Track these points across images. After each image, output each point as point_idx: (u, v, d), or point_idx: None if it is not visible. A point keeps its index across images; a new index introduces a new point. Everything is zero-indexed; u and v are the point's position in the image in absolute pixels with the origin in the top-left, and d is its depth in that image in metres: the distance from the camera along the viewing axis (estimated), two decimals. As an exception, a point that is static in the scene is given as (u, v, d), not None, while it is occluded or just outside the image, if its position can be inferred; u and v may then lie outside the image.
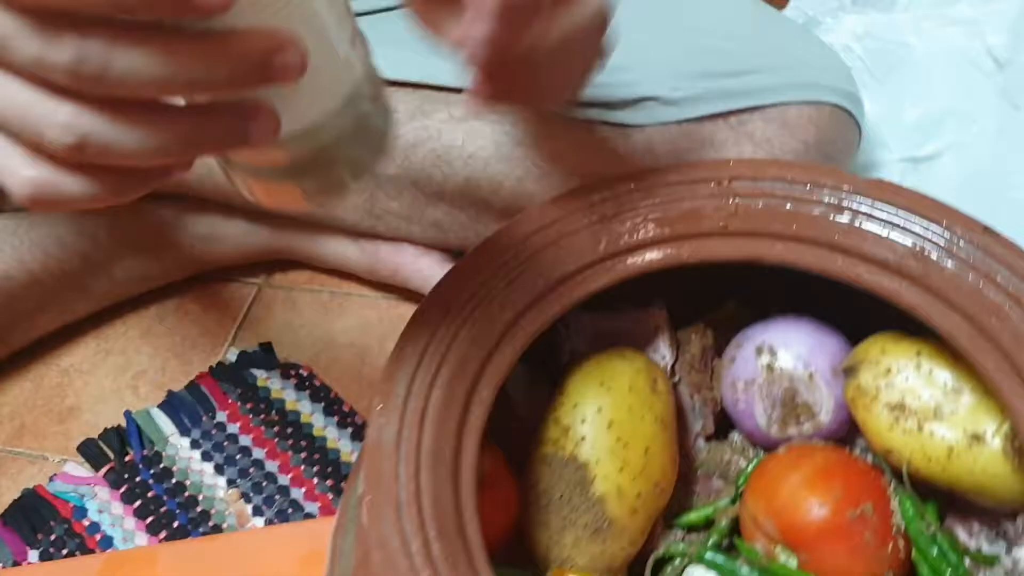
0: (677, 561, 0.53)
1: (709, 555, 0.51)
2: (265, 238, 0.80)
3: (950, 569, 0.47)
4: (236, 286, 0.84)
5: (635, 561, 0.52)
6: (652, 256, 0.48)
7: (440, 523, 0.40)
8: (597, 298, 0.50)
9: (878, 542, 0.47)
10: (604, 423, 0.50)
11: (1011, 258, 0.43)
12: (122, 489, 0.72)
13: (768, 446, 0.55)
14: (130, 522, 0.70)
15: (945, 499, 0.51)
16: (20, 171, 0.28)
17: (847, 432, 0.54)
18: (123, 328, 0.82)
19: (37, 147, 0.28)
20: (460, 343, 0.45)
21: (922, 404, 0.48)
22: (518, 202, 0.66)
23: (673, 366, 0.56)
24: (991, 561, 0.48)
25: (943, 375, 0.48)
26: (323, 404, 0.75)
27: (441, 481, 0.41)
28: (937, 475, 0.48)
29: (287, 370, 0.78)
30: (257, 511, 0.70)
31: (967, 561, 0.48)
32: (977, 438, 0.46)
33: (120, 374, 0.79)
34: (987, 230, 0.44)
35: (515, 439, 0.55)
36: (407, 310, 0.81)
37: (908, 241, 0.45)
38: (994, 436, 0.46)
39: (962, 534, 0.50)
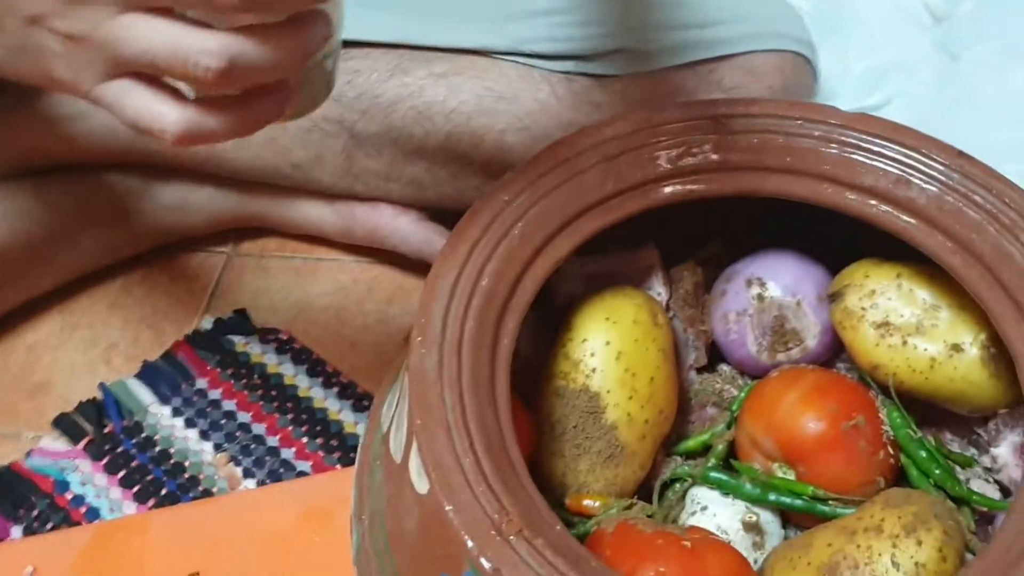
0: (678, 485, 0.56)
1: (713, 475, 0.54)
2: (235, 204, 0.80)
3: (938, 469, 0.51)
4: (204, 256, 0.84)
5: (641, 486, 0.55)
6: (662, 191, 0.50)
7: (486, 443, 0.42)
8: (589, 242, 0.53)
9: (871, 450, 0.51)
10: (613, 355, 0.53)
11: (986, 179, 0.47)
12: (104, 460, 0.71)
13: (757, 374, 0.59)
14: (116, 492, 0.70)
15: (919, 416, 0.55)
16: (169, 116, 0.36)
17: (829, 356, 0.59)
18: (89, 302, 0.81)
19: (184, 76, 0.34)
20: (486, 278, 0.47)
21: (905, 321, 0.52)
22: (499, 156, 0.68)
23: (667, 302, 0.59)
24: (970, 462, 0.53)
25: (922, 293, 0.52)
26: (306, 366, 0.76)
27: (482, 405, 0.43)
28: (920, 386, 0.52)
29: (265, 335, 0.78)
30: (248, 473, 0.70)
31: (949, 463, 0.52)
32: (957, 348, 0.51)
33: (90, 348, 0.78)
34: (961, 154, 0.48)
35: (521, 378, 0.57)
36: (381, 272, 0.82)
37: (892, 169, 0.49)
38: (972, 345, 0.50)
39: (937, 443, 0.55)
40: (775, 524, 0.53)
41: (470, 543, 0.38)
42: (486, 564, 0.38)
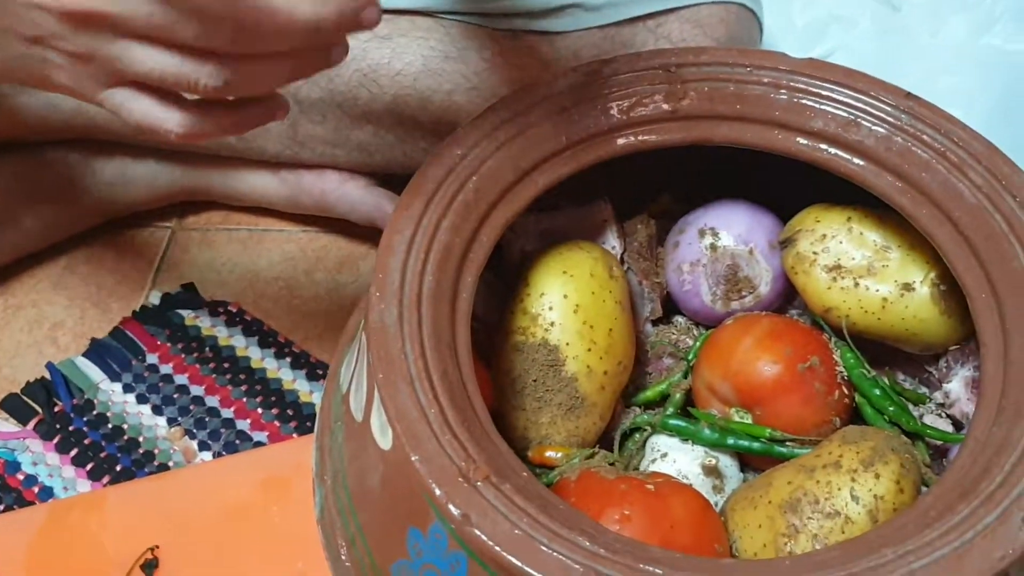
0: (638, 435, 0.56)
1: (672, 422, 0.55)
2: (178, 177, 0.79)
3: (892, 406, 0.52)
4: (149, 231, 0.82)
5: (602, 437, 0.55)
6: (615, 143, 0.50)
7: (450, 394, 0.42)
8: (542, 198, 0.53)
9: (826, 390, 0.52)
10: (571, 308, 0.53)
11: (934, 119, 0.48)
12: (55, 440, 0.70)
13: (711, 323, 0.59)
14: (69, 471, 0.69)
15: (870, 359, 0.56)
16: (172, 119, 0.41)
17: (782, 303, 0.59)
18: (32, 282, 0.79)
19: (186, 90, 0.40)
20: (443, 233, 0.46)
21: (856, 263, 0.53)
22: (447, 116, 0.67)
23: (622, 256, 0.59)
24: (923, 399, 0.54)
25: (873, 235, 0.53)
26: (257, 338, 0.75)
27: (444, 358, 0.43)
28: (873, 326, 0.53)
29: (215, 308, 0.77)
30: (204, 446, 0.70)
31: (903, 399, 0.53)
32: (907, 287, 0.52)
33: (35, 327, 0.76)
34: (909, 95, 0.49)
35: (477, 337, 0.57)
36: (329, 241, 0.81)
37: (841, 112, 0.50)
38: (922, 284, 0.51)
39: (889, 383, 0.56)
40: (734, 468, 0.54)
41: (438, 491, 0.38)
42: (454, 511, 0.38)
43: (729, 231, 0.57)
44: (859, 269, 0.53)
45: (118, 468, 0.68)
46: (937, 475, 0.50)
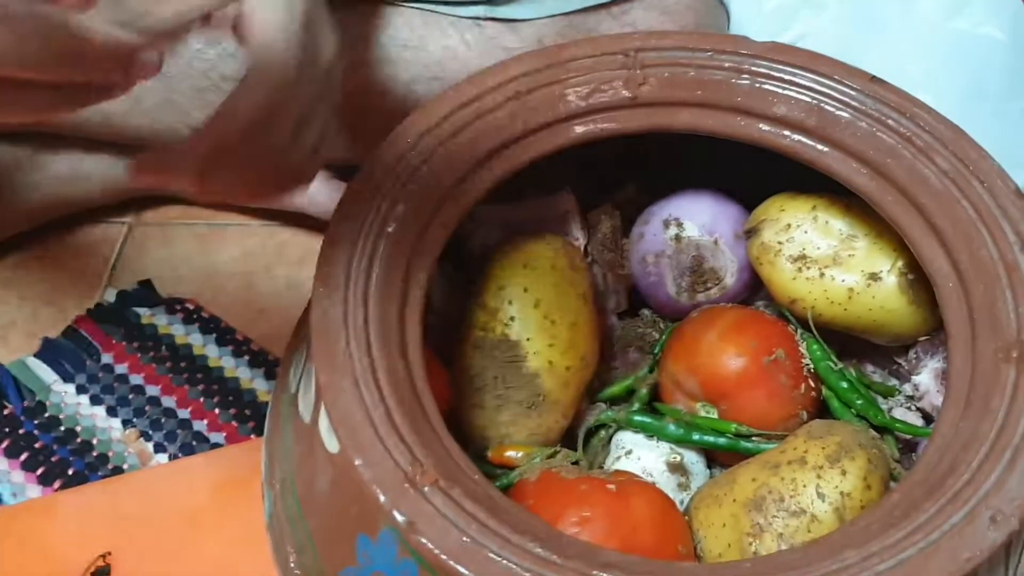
0: (602, 431, 0.55)
1: (637, 419, 0.53)
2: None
3: (859, 399, 0.51)
4: (104, 227, 0.80)
5: (566, 434, 0.54)
6: (574, 130, 0.49)
7: (397, 394, 0.40)
8: (503, 188, 0.51)
9: (792, 384, 0.51)
10: (531, 302, 0.51)
11: (899, 102, 0.47)
12: (4, 444, 0.68)
13: (677, 316, 0.58)
14: (18, 476, 0.66)
15: (838, 350, 0.55)
16: None
17: (748, 294, 0.58)
18: (-19, 280, 0.77)
19: None
20: (393, 223, 0.45)
21: (821, 253, 0.51)
22: (408, 107, 0.65)
23: (585, 247, 0.57)
24: (892, 391, 0.53)
25: (838, 224, 0.51)
26: (215, 335, 0.73)
27: (393, 356, 0.41)
28: (839, 317, 0.52)
29: (172, 305, 0.75)
30: (159, 448, 0.67)
31: (871, 392, 0.52)
32: (874, 277, 0.50)
33: (-15, 327, 0.74)
34: (874, 79, 0.48)
35: (435, 333, 0.55)
36: (290, 235, 0.79)
37: (805, 97, 0.48)
38: (889, 273, 0.50)
39: (859, 376, 0.55)
40: (700, 464, 0.53)
41: (383, 497, 0.36)
42: (399, 518, 0.36)
43: (693, 221, 0.55)
44: (825, 259, 0.51)
45: (70, 472, 0.66)
46: (906, 470, 0.49)
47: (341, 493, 0.42)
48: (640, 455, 0.52)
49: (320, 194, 0.73)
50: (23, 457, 0.67)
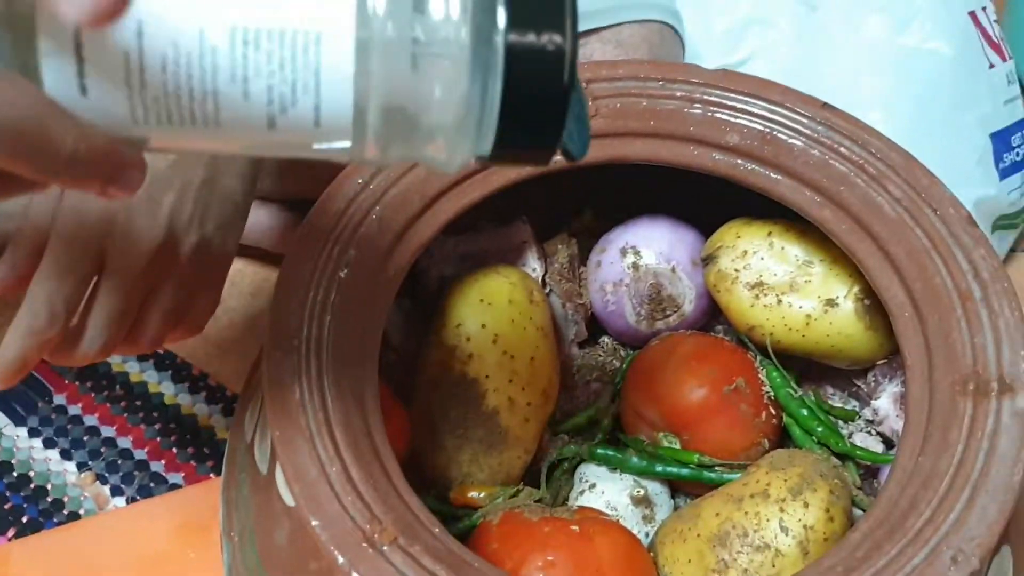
0: (566, 464, 0.54)
1: (600, 451, 0.53)
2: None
3: (820, 426, 0.51)
4: (52, 262, 0.78)
5: (529, 469, 0.53)
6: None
7: (354, 449, 0.39)
8: (459, 220, 0.50)
9: (753, 412, 0.51)
10: (489, 338, 0.51)
11: (851, 129, 0.47)
12: (-46, 492, 0.66)
13: (637, 343, 0.58)
14: (-30, 526, 0.65)
15: (799, 372, 0.55)
16: None
17: (706, 321, 0.58)
18: (-74, 322, 0.75)
19: None
20: (345, 268, 0.44)
21: (778, 280, 0.51)
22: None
23: (543, 278, 0.57)
24: (852, 416, 0.53)
25: (794, 250, 0.51)
26: (170, 372, 0.71)
27: (349, 408, 0.41)
28: (797, 343, 0.51)
29: (125, 342, 0.73)
30: (116, 491, 0.66)
31: (831, 418, 0.52)
32: (831, 303, 0.50)
33: (-69, 371, 0.72)
34: (826, 106, 0.48)
35: (394, 371, 0.54)
36: (242, 266, 0.78)
37: (757, 125, 0.48)
38: (846, 299, 0.50)
39: (819, 398, 0.55)
40: (664, 495, 0.52)
41: (340, 559, 0.36)
42: (359, 580, 0.35)
43: (650, 249, 0.55)
44: (782, 285, 0.51)
45: (24, 520, 0.65)
46: (868, 495, 0.49)
47: (300, 548, 0.41)
48: (604, 488, 0.51)
49: (272, 228, 0.72)
50: (-26, 506, 0.65)
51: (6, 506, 0.65)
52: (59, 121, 0.27)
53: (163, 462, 0.67)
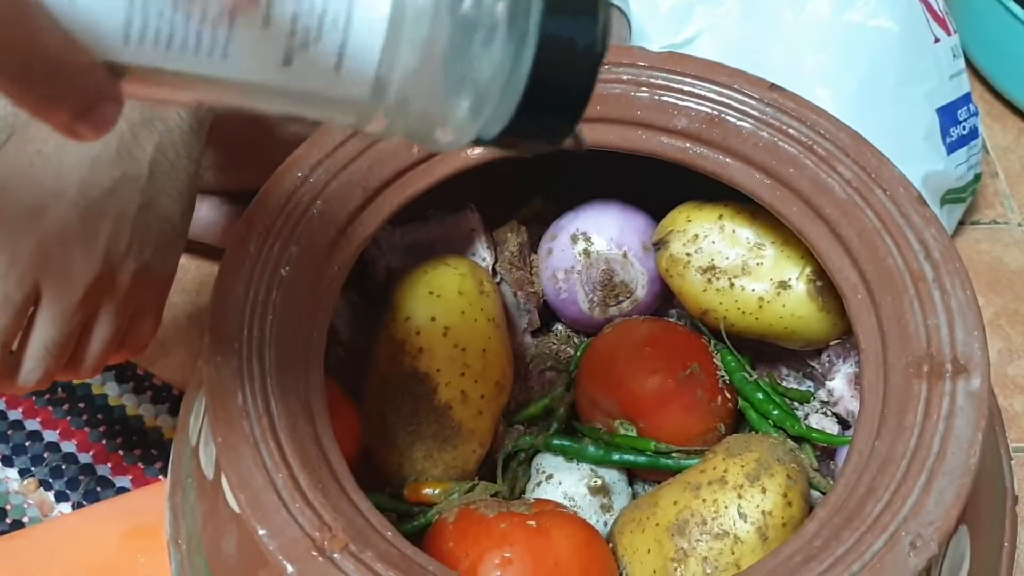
0: (522, 455, 0.53)
1: (556, 442, 0.52)
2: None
3: (776, 409, 0.50)
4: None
5: (484, 462, 0.52)
6: (473, 152, 0.47)
7: (301, 453, 0.38)
8: (406, 209, 0.49)
9: (709, 397, 0.50)
10: (439, 331, 0.50)
11: (799, 111, 0.46)
12: None
13: (591, 330, 0.57)
14: (-93, 539, 0.63)
15: (752, 355, 0.54)
16: None
17: (659, 305, 0.57)
18: None
19: None
20: (287, 266, 0.42)
21: (730, 263, 0.51)
22: (303, 132, 0.62)
23: (494, 267, 0.56)
24: (807, 397, 0.52)
25: (745, 233, 0.51)
26: (114, 372, 0.69)
27: (294, 411, 0.39)
28: (751, 326, 0.51)
29: (65, 343, 0.71)
30: (61, 497, 0.64)
31: (787, 401, 0.52)
32: (783, 285, 0.50)
33: None
34: (773, 87, 0.47)
35: (344, 367, 0.53)
36: (185, 261, 0.76)
37: (705, 108, 0.47)
38: (798, 280, 0.50)
39: (774, 380, 0.55)
40: (622, 483, 0.52)
41: (290, 568, 0.34)
42: (309, 590, 0.34)
43: (601, 235, 0.54)
44: (733, 269, 0.51)
45: (-35, 530, 0.63)
46: (825, 477, 0.48)
47: (249, 556, 0.40)
48: (561, 479, 0.51)
49: (214, 223, 0.70)
50: (-89, 518, 0.63)
51: (-54, 518, 0.63)
52: (45, 20, 0.23)
53: (109, 465, 0.65)
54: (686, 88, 0.47)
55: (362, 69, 0.25)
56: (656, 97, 0.48)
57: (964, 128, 0.69)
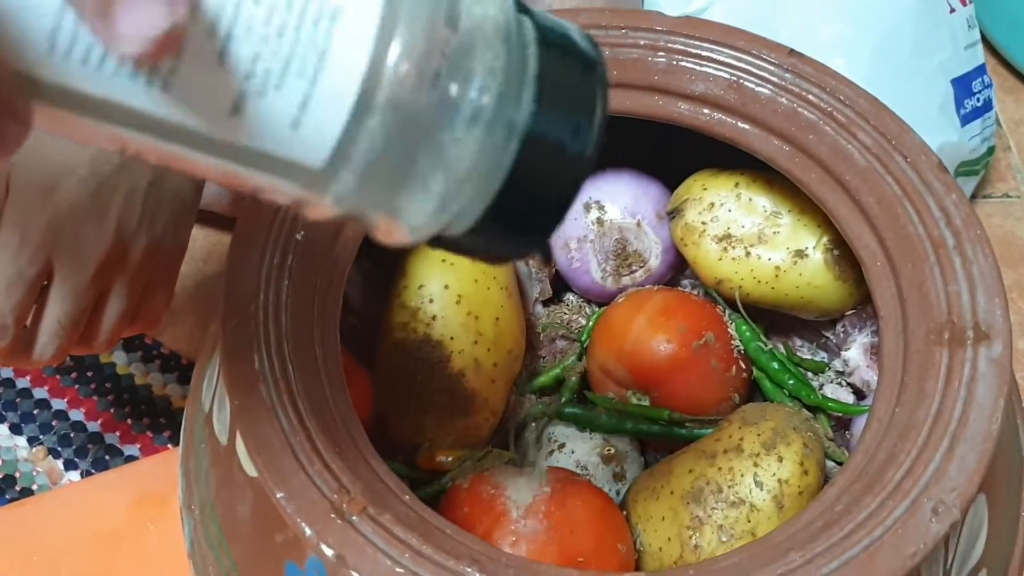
0: (534, 425, 0.53)
1: (567, 411, 0.52)
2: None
3: (791, 379, 0.50)
4: (-8, 230, 0.75)
5: (496, 431, 0.52)
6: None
7: (318, 416, 0.38)
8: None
9: (723, 367, 0.50)
10: (452, 299, 0.49)
11: (819, 77, 0.46)
12: (-100, 472, 0.63)
13: (603, 300, 0.56)
14: (-83, 506, 0.63)
15: (766, 325, 0.54)
16: None
17: (673, 275, 0.57)
18: None
19: None
20: (302, 230, 0.42)
21: (746, 231, 0.50)
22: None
23: (505, 234, 0.55)
24: (822, 368, 0.52)
25: (762, 201, 0.50)
26: (122, 342, 0.69)
27: (310, 375, 0.39)
28: (766, 295, 0.51)
29: (73, 312, 0.71)
30: (70, 465, 0.64)
31: (802, 371, 0.52)
32: (800, 253, 0.49)
33: None
34: (793, 52, 0.46)
35: (355, 335, 0.53)
36: (194, 231, 0.75)
37: (723, 73, 0.47)
38: (815, 249, 0.49)
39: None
40: (634, 452, 0.52)
41: (308, 531, 0.34)
42: (328, 552, 0.34)
43: (615, 203, 0.54)
44: (750, 237, 0.50)
45: (-26, 498, 0.63)
46: (840, 448, 0.48)
47: (264, 520, 0.40)
48: (573, 448, 0.51)
49: (224, 192, 0.69)
50: (-80, 486, 0.63)
51: (-45, 485, 0.63)
52: None
53: (118, 434, 0.65)
54: (704, 53, 0.47)
55: (324, 131, 0.22)
56: (674, 62, 0.47)
57: (978, 100, 0.68)
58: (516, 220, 0.24)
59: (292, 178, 0.23)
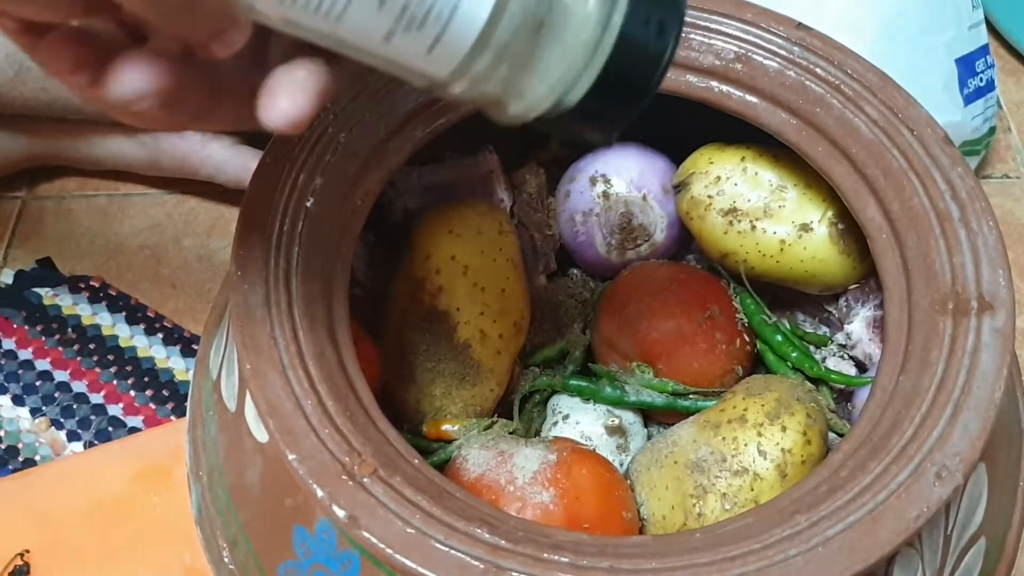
0: (538, 396, 0.54)
1: (572, 382, 0.52)
2: (26, 144, 0.71)
3: (795, 352, 0.50)
4: (-6, 203, 0.75)
5: (501, 402, 0.53)
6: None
7: (328, 381, 0.38)
8: (424, 150, 0.48)
9: (727, 340, 0.50)
10: (459, 270, 0.50)
11: (827, 50, 0.46)
12: (-97, 442, 0.64)
13: (608, 274, 0.57)
14: (-79, 476, 0.63)
15: (769, 300, 0.54)
16: None
17: (679, 249, 0.57)
18: None
19: None
20: (312, 198, 0.42)
21: (752, 205, 0.51)
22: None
23: (511, 209, 0.55)
24: (825, 341, 0.52)
25: (767, 175, 0.51)
26: (124, 313, 0.69)
27: (320, 340, 0.39)
28: (771, 269, 0.51)
29: (75, 284, 0.71)
30: (73, 436, 0.64)
31: (805, 344, 0.52)
32: (805, 227, 0.50)
33: None
34: (801, 26, 0.46)
35: (362, 306, 0.53)
36: (197, 204, 0.75)
37: (731, 46, 0.47)
38: (820, 223, 0.50)
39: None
40: (638, 424, 0.52)
41: (320, 492, 0.35)
42: (340, 512, 0.34)
43: (621, 177, 0.54)
44: (755, 211, 0.50)
45: (-22, 468, 0.63)
46: (842, 419, 0.49)
47: (274, 485, 0.40)
48: (578, 419, 0.51)
49: (227, 161, 0.69)
50: (-75, 455, 0.63)
51: (-42, 455, 0.63)
52: None
53: (121, 405, 0.65)
54: (712, 26, 0.47)
55: (450, 56, 0.28)
56: (683, 34, 0.47)
57: (981, 80, 0.69)
58: (610, 102, 0.30)
59: (423, 79, 0.29)
